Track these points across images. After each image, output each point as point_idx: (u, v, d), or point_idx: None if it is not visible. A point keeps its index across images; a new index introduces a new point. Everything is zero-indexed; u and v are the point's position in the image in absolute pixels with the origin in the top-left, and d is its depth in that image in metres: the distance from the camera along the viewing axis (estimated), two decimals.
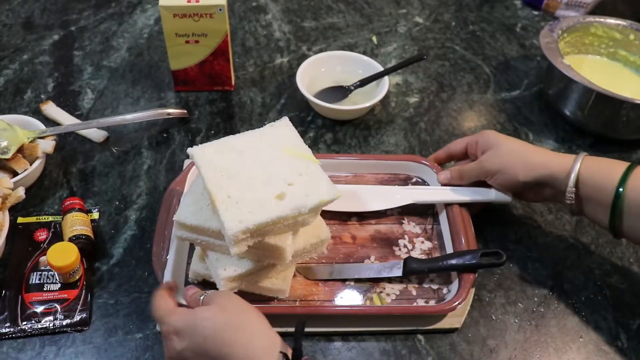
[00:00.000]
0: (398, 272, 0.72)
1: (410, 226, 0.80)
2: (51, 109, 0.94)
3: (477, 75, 1.08)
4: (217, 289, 0.65)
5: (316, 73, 1.00)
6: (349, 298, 0.72)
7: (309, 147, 0.69)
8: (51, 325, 0.68)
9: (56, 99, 0.98)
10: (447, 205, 0.79)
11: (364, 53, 1.07)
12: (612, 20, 1.03)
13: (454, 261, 0.71)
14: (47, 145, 0.83)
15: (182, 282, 0.70)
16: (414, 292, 0.72)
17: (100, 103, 0.98)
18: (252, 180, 0.64)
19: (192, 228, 0.65)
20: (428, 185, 0.84)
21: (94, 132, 0.91)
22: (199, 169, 0.65)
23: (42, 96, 0.99)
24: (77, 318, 0.69)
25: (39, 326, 0.68)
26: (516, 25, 1.20)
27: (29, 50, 1.08)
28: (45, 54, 1.08)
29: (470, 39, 1.16)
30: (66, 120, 0.93)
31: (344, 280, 0.73)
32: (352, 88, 0.98)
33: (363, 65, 1.01)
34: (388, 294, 0.72)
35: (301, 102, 0.99)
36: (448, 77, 1.07)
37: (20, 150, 0.81)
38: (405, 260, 0.72)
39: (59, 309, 0.69)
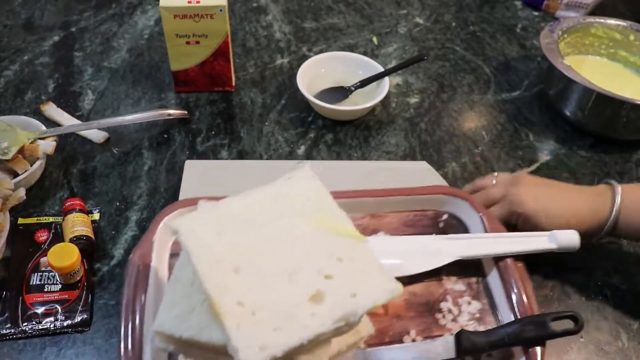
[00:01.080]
0: (450, 354, 0.58)
1: (451, 282, 0.66)
2: (52, 110, 0.94)
3: (477, 76, 1.08)
4: None
5: (316, 74, 1.00)
6: None
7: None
8: (52, 326, 0.68)
9: (57, 99, 0.98)
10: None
11: (365, 54, 1.07)
12: (612, 21, 1.03)
13: (519, 332, 0.57)
14: (48, 146, 0.83)
15: None
16: None
17: (100, 104, 0.98)
18: (271, 272, 0.44)
19: (182, 342, 0.46)
20: (462, 220, 0.70)
21: (95, 133, 0.91)
22: (191, 256, 0.45)
23: (43, 97, 0.99)
24: (77, 319, 0.69)
25: (40, 327, 0.68)
26: (516, 26, 1.20)
27: (30, 51, 1.08)
28: (46, 55, 1.08)
29: (470, 40, 1.16)
30: (67, 121, 0.93)
31: None
32: (353, 89, 0.98)
33: (363, 65, 1.01)
34: None
35: (301, 103, 0.99)
36: (448, 78, 1.07)
37: (21, 151, 0.81)
38: (458, 336, 0.58)
39: (60, 310, 0.69)
